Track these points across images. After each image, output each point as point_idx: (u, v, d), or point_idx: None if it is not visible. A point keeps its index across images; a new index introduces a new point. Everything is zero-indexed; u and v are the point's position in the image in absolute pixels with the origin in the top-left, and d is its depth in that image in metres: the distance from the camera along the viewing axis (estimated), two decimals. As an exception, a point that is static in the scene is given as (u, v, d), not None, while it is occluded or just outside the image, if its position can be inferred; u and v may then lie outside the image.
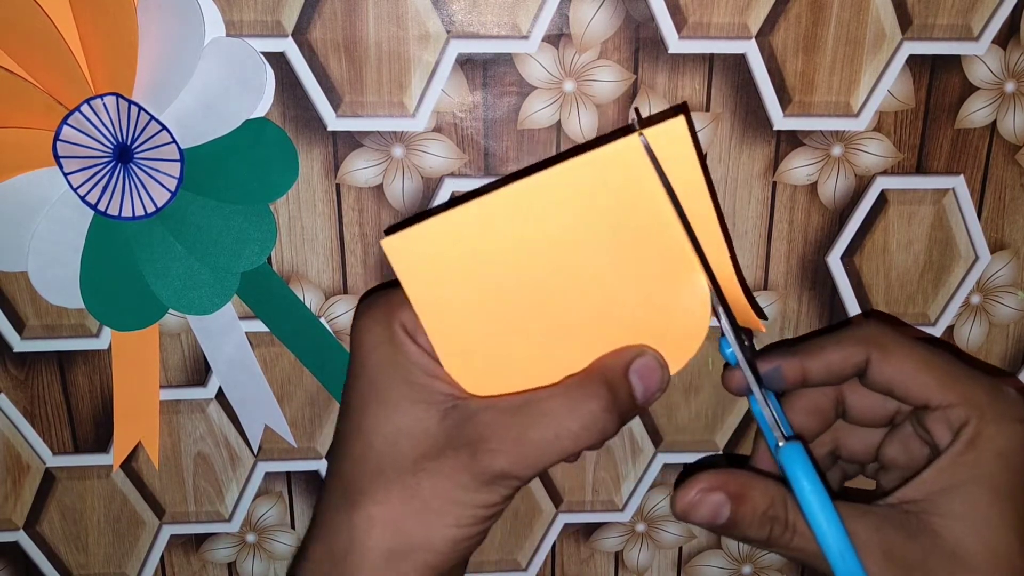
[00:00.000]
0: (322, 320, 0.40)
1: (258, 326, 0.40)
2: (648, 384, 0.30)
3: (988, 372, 0.33)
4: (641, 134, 0.28)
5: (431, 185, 0.38)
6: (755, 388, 0.31)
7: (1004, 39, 0.37)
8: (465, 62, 0.37)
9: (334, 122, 0.37)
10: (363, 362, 0.31)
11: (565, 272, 0.30)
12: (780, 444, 0.30)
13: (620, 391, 0.30)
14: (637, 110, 0.38)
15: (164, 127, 0.36)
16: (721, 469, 0.31)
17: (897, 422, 0.35)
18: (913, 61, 0.38)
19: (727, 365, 0.31)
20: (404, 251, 0.29)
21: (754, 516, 0.30)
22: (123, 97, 0.35)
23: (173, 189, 0.37)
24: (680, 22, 0.37)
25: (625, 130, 0.32)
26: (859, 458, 0.36)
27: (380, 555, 0.29)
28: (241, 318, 0.40)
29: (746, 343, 0.32)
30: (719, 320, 0.31)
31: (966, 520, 0.30)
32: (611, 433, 0.30)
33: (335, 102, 0.37)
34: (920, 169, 0.39)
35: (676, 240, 0.30)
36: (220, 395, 0.41)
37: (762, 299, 0.41)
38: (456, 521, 0.29)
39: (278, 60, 0.37)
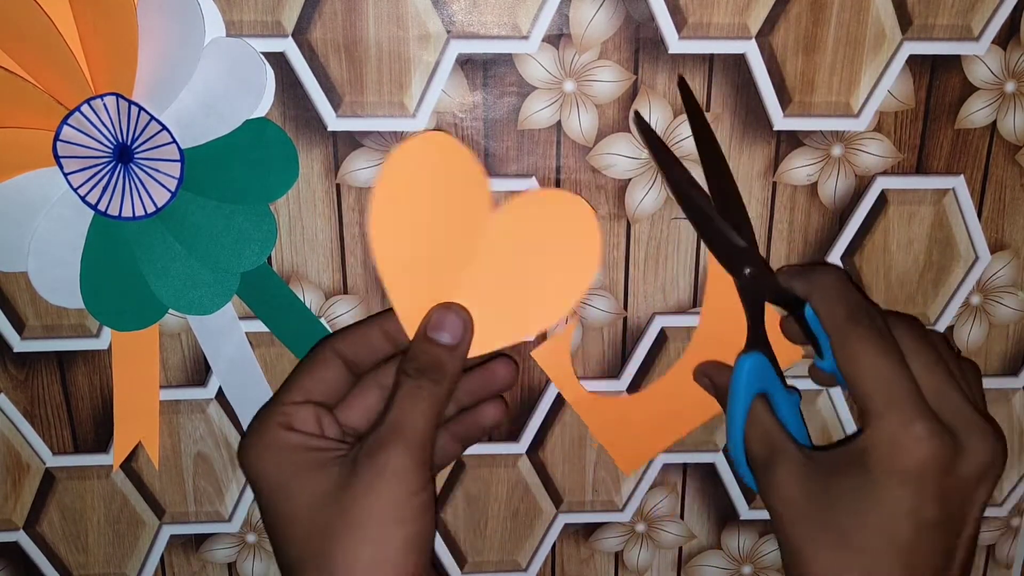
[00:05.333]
0: (322, 320, 0.40)
1: (258, 326, 0.40)
2: (448, 330, 0.36)
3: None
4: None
5: (431, 185, 0.38)
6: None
7: (1004, 39, 0.37)
8: (465, 62, 0.37)
9: (334, 122, 0.37)
10: (264, 484, 0.35)
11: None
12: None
13: (429, 350, 0.35)
14: (637, 113, 0.38)
15: (164, 127, 0.36)
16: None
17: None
18: (913, 61, 0.38)
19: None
20: None
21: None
22: (123, 97, 0.35)
23: (173, 189, 0.37)
24: (680, 22, 0.37)
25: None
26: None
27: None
28: (241, 318, 0.40)
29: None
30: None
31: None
32: (449, 371, 0.35)
33: (335, 102, 0.37)
34: (920, 169, 0.39)
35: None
36: (220, 395, 0.41)
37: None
38: (405, 519, 0.33)
39: (278, 60, 0.37)
